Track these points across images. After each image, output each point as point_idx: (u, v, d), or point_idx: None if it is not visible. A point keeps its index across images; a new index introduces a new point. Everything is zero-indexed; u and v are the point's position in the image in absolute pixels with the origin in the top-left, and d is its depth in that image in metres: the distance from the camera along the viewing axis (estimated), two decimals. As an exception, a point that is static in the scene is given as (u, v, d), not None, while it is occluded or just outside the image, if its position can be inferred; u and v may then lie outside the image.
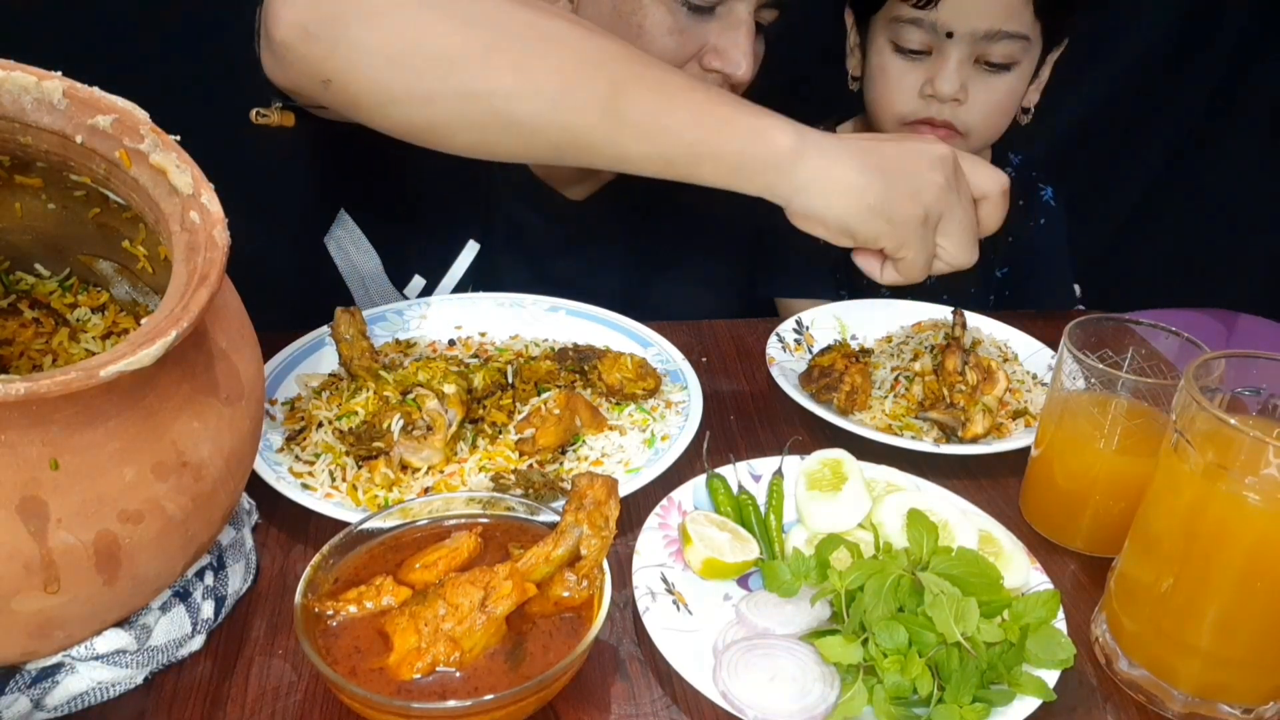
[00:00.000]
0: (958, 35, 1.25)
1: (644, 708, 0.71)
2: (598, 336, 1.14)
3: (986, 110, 1.31)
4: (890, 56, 1.33)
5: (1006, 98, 1.32)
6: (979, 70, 1.29)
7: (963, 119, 1.31)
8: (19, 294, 0.80)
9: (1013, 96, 1.33)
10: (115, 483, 0.58)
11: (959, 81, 1.28)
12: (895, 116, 1.35)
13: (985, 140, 1.37)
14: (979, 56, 1.27)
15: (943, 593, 0.70)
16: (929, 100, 1.31)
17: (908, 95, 1.32)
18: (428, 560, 0.71)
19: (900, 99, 1.33)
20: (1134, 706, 0.74)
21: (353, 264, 1.39)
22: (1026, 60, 1.30)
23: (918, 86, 1.31)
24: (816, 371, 1.08)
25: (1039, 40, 1.30)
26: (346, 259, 1.38)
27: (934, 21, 1.25)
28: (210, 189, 0.64)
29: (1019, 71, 1.30)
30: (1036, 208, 1.54)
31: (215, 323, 0.67)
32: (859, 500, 0.85)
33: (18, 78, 0.62)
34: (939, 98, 1.29)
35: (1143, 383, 0.82)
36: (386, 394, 0.93)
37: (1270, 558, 0.66)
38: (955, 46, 1.26)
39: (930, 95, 1.30)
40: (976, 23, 1.24)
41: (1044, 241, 1.54)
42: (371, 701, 0.61)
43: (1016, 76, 1.31)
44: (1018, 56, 1.28)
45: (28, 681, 0.64)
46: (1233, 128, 1.79)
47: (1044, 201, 1.54)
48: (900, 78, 1.32)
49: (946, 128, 1.32)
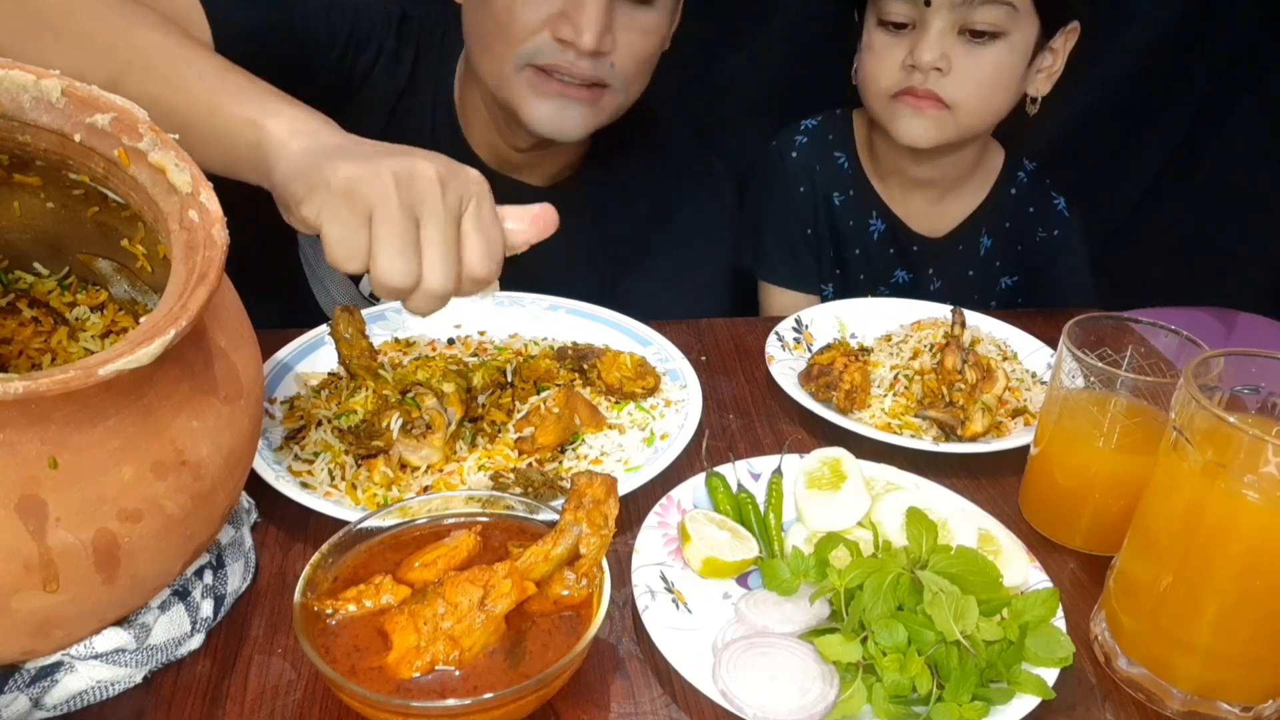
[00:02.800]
0: (937, 3, 1.25)
1: (643, 706, 0.71)
2: (597, 335, 1.14)
3: (973, 82, 1.28)
4: (877, 32, 1.33)
5: (994, 71, 1.29)
6: (964, 41, 1.27)
7: (948, 91, 1.29)
8: (18, 293, 0.80)
9: (1001, 72, 1.29)
10: (114, 481, 0.58)
11: (940, 49, 1.26)
12: (881, 91, 1.34)
13: (975, 117, 1.33)
14: (963, 26, 1.26)
15: (942, 591, 0.70)
16: (911, 71, 1.29)
17: (891, 68, 1.32)
18: (427, 559, 0.71)
19: (885, 72, 1.33)
20: (1133, 705, 0.74)
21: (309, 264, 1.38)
22: (1017, 33, 1.27)
23: (901, 59, 1.30)
24: (816, 370, 1.08)
25: (1031, 12, 1.27)
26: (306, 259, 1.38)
27: None
28: (209, 187, 0.64)
29: (1008, 44, 1.27)
30: (1049, 218, 1.51)
31: (214, 321, 0.67)
32: (858, 499, 0.85)
33: (16, 76, 0.62)
34: (919, 67, 1.28)
35: (1142, 381, 0.82)
36: (385, 393, 0.93)
37: (1269, 556, 0.66)
38: (935, 15, 1.26)
39: (912, 66, 1.29)
40: None
41: (1056, 253, 1.51)
42: (371, 700, 0.61)
43: (1005, 50, 1.28)
44: (1004, 25, 1.25)
45: (27, 680, 0.64)
46: (1232, 126, 1.78)
47: (1058, 211, 1.51)
48: (885, 51, 1.32)
49: (930, 98, 1.30)
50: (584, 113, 1.16)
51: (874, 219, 1.50)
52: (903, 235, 1.50)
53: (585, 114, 1.17)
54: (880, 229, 1.50)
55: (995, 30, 1.26)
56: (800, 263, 1.51)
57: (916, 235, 1.50)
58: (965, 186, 1.49)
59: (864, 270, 1.52)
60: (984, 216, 1.50)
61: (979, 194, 1.50)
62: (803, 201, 1.50)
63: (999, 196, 1.50)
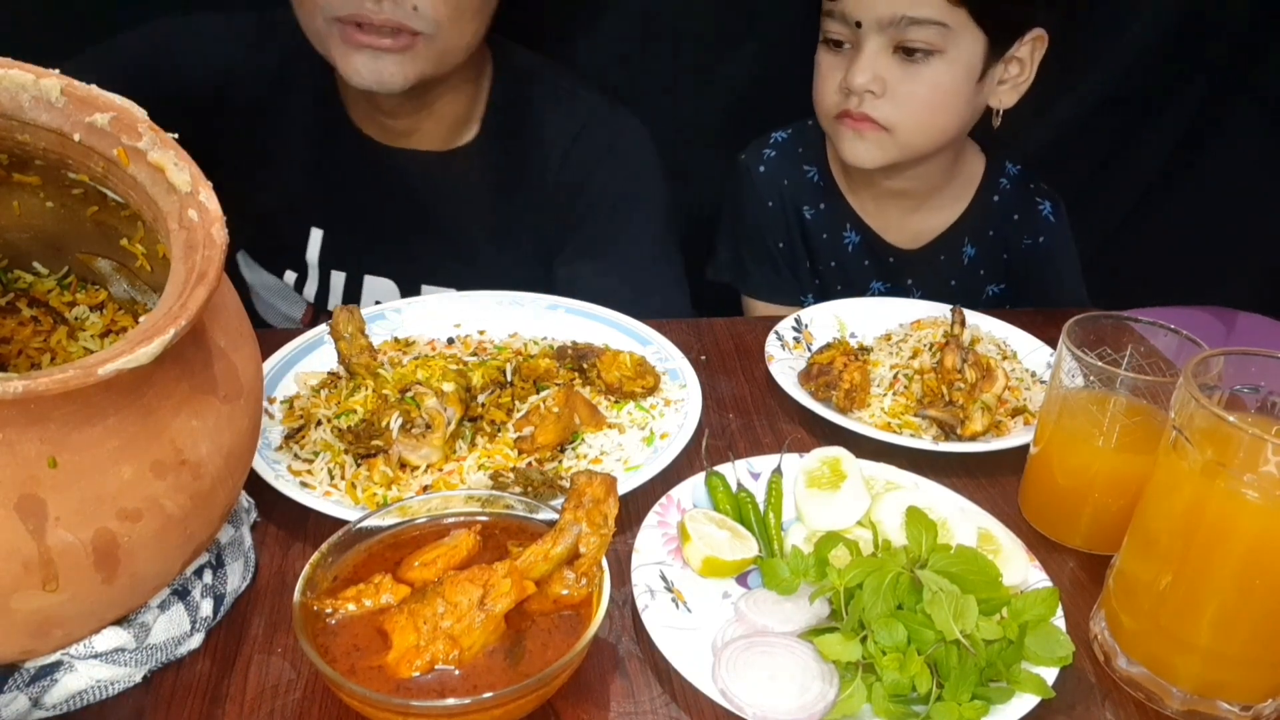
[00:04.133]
0: (865, 24, 1.23)
1: (643, 706, 0.71)
2: (596, 334, 1.14)
3: (911, 103, 1.25)
4: (822, 50, 1.31)
5: (931, 91, 1.25)
6: (900, 60, 1.24)
7: (883, 113, 1.26)
8: (17, 292, 0.80)
9: (939, 91, 1.25)
10: (114, 481, 0.58)
11: (872, 72, 1.24)
12: (825, 112, 1.33)
13: (915, 136, 1.29)
14: (898, 45, 1.23)
15: (941, 590, 0.70)
16: (848, 93, 1.27)
17: (832, 88, 1.29)
18: (426, 558, 0.71)
19: (825, 93, 1.31)
20: (1133, 704, 0.74)
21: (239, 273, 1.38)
22: (955, 50, 1.23)
23: (840, 80, 1.28)
24: (815, 369, 1.07)
25: (971, 27, 1.22)
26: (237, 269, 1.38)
27: (843, 11, 1.24)
28: (208, 186, 0.64)
29: (946, 62, 1.23)
30: (1034, 224, 1.46)
31: (214, 321, 0.67)
32: (858, 498, 0.85)
33: (15, 75, 0.62)
34: (852, 90, 1.25)
35: (1141, 380, 0.82)
36: (385, 392, 0.93)
37: (1269, 555, 0.66)
38: (868, 36, 1.23)
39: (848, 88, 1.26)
40: (881, 10, 1.21)
41: (1044, 259, 1.47)
42: (371, 699, 0.61)
43: (943, 68, 1.23)
44: (938, 44, 1.22)
45: (26, 679, 0.64)
46: (1232, 125, 1.78)
47: (1043, 217, 1.46)
48: (827, 72, 1.30)
49: (866, 121, 1.27)
50: (398, 61, 1.13)
51: (848, 231, 1.46)
52: (879, 247, 1.46)
53: (400, 62, 1.13)
54: (855, 241, 1.47)
55: (930, 48, 1.22)
56: (779, 276, 1.49)
57: (892, 247, 1.46)
58: (943, 196, 1.45)
59: (840, 282, 1.49)
60: (966, 226, 1.46)
61: (960, 203, 1.45)
62: (773, 216, 1.46)
63: (981, 205, 1.46)
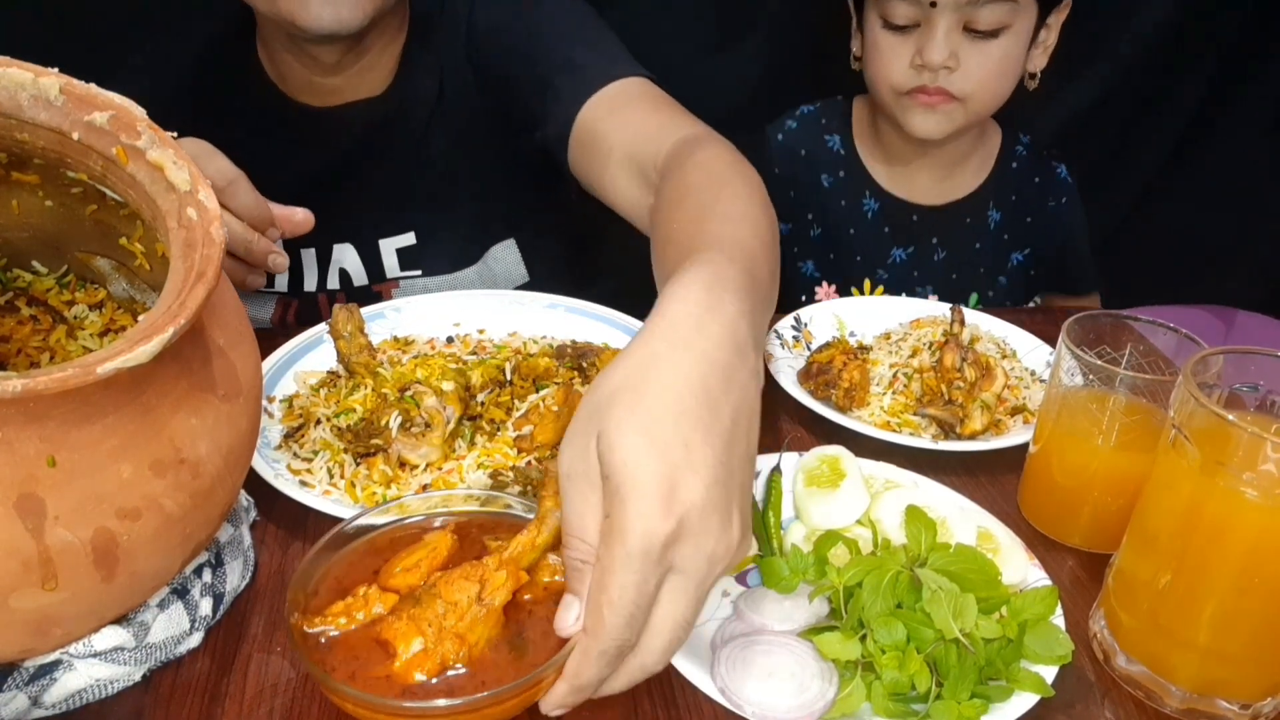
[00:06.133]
0: (942, 4, 1.29)
1: (642, 704, 0.71)
2: (596, 333, 1.14)
3: (981, 76, 1.33)
4: (881, 33, 1.37)
5: (1001, 62, 1.34)
6: (969, 37, 1.31)
7: (958, 85, 1.34)
8: (16, 291, 0.80)
9: (1008, 61, 1.34)
10: (113, 480, 0.58)
11: (948, 50, 1.31)
12: (891, 88, 1.39)
13: (986, 106, 1.39)
14: (967, 24, 1.30)
15: (941, 589, 0.70)
16: (921, 70, 1.34)
17: (900, 67, 1.36)
18: (408, 563, 0.69)
19: (894, 72, 1.37)
20: (1132, 702, 0.74)
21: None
22: (1019, 22, 1.32)
23: (909, 58, 1.34)
24: (815, 368, 1.07)
25: (1031, 2, 1.32)
26: None
27: None
28: (207, 185, 0.64)
29: (1012, 34, 1.32)
30: (1054, 186, 1.56)
31: (212, 319, 0.67)
32: (857, 497, 0.85)
33: (14, 74, 0.62)
34: (929, 67, 1.32)
35: (1141, 379, 0.82)
36: (384, 391, 0.93)
37: (1268, 553, 0.66)
38: (941, 15, 1.30)
39: (921, 65, 1.33)
40: None
41: (1067, 220, 1.56)
42: (384, 706, 0.60)
43: (1010, 40, 1.33)
44: (1007, 20, 1.30)
45: (26, 679, 0.64)
46: (1231, 124, 1.78)
47: (1061, 179, 1.56)
48: (892, 52, 1.36)
49: (941, 94, 1.34)
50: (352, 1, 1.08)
51: (867, 198, 1.53)
52: (899, 212, 1.53)
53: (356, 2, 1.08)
54: (874, 208, 1.53)
55: (999, 26, 1.30)
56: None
57: (917, 206, 1.53)
58: (968, 165, 1.53)
59: (860, 252, 1.55)
60: (990, 189, 1.54)
61: (982, 172, 1.54)
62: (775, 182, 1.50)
63: (1002, 172, 1.54)
